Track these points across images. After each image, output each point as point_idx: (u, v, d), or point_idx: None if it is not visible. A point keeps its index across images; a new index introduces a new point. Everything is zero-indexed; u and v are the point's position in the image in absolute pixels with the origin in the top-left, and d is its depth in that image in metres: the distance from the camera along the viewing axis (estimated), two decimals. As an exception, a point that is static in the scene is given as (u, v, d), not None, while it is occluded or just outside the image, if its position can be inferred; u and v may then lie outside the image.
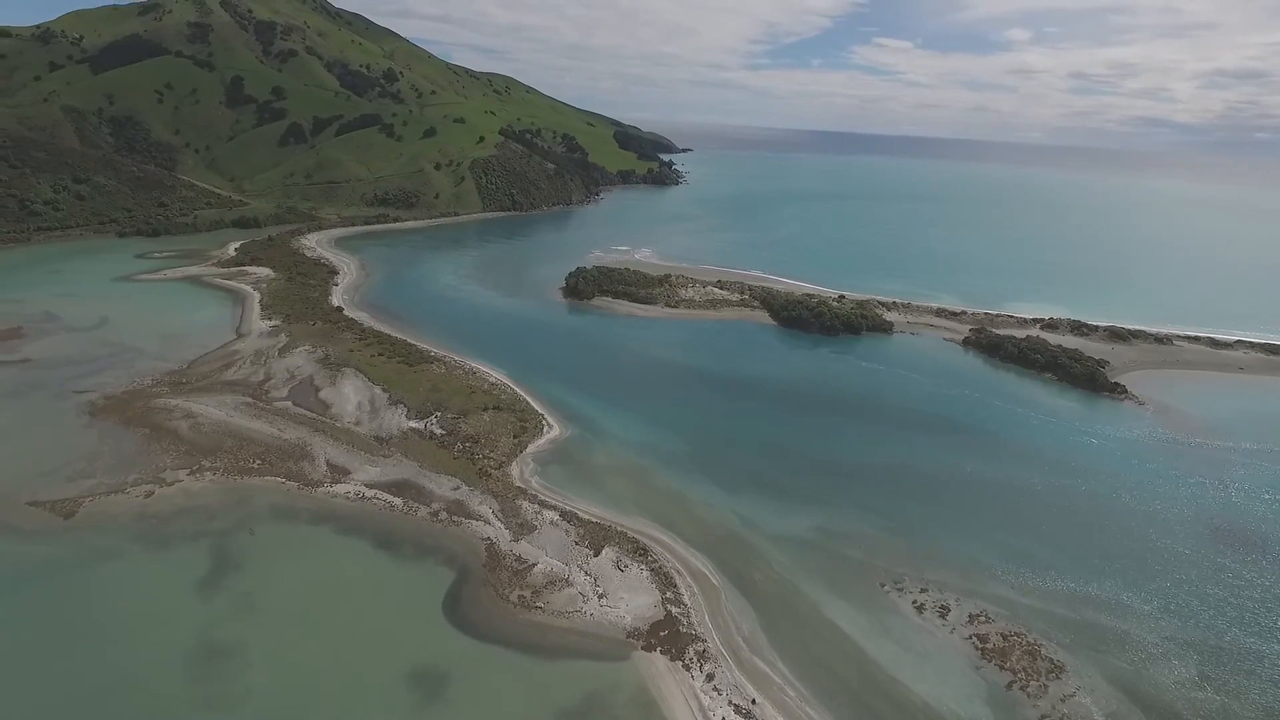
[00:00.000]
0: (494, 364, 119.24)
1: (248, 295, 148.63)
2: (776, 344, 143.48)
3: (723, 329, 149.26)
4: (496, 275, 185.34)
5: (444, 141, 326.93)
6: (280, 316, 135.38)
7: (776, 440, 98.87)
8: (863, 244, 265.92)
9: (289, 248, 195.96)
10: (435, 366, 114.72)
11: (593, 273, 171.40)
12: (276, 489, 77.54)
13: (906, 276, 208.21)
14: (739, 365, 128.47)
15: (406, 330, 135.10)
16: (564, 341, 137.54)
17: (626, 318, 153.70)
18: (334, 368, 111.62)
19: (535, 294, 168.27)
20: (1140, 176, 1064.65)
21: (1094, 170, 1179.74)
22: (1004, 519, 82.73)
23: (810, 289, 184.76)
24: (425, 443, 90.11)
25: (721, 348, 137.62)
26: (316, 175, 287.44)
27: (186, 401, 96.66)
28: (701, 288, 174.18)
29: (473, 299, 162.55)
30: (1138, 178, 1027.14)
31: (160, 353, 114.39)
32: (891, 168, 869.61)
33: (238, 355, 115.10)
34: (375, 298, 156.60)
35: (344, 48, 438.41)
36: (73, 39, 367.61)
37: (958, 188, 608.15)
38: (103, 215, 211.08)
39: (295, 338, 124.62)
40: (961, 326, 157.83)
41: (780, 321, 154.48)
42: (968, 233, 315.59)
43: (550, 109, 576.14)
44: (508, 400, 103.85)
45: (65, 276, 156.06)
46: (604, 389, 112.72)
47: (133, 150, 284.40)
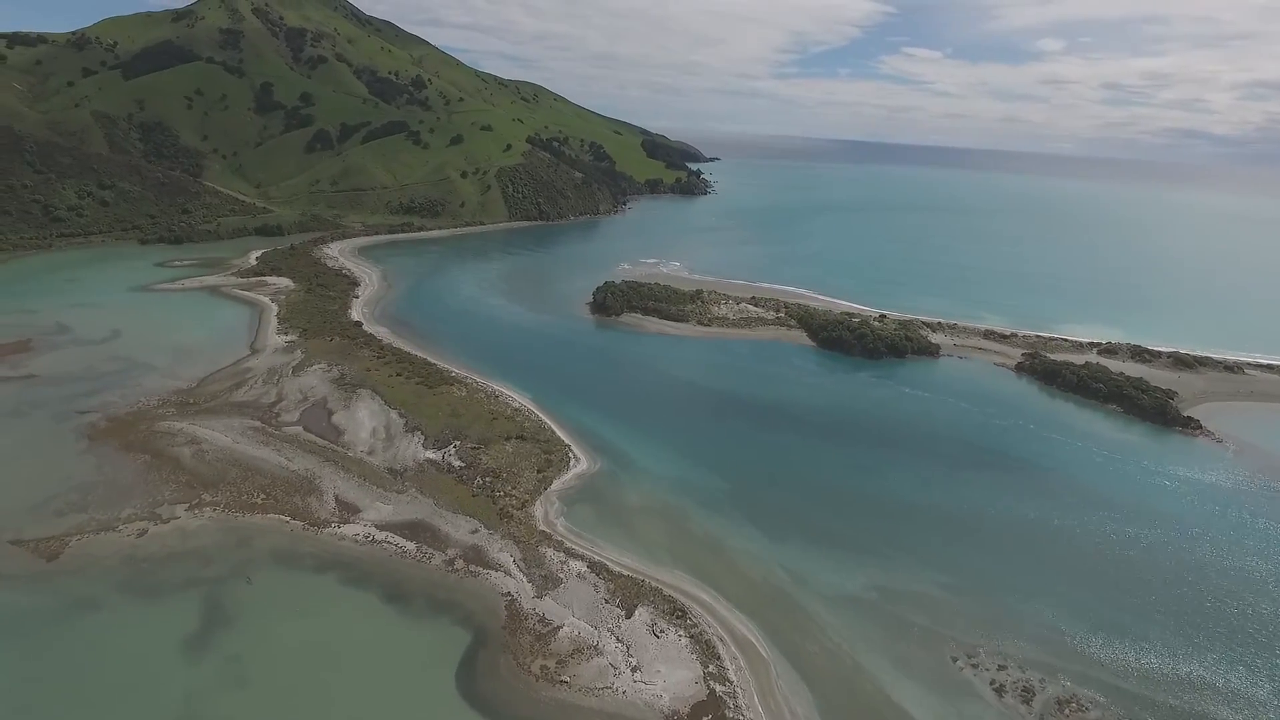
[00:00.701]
0: (518, 386, 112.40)
1: (265, 307, 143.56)
2: (816, 367, 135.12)
3: (758, 350, 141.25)
4: (522, 288, 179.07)
5: (471, 149, 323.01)
6: (297, 331, 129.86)
7: (822, 478, 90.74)
8: (899, 258, 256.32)
9: (310, 257, 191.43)
10: (456, 388, 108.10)
11: (621, 288, 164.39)
12: (279, 529, 70.99)
13: (948, 294, 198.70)
14: (777, 391, 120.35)
15: (427, 347, 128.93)
16: (591, 362, 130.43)
17: (657, 336, 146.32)
18: (349, 388, 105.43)
19: (561, 309, 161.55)
20: (1179, 189, 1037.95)
21: (1130, 182, 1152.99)
22: (1079, 575, 73.91)
23: (848, 307, 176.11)
24: (442, 477, 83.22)
25: (758, 371, 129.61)
26: (342, 182, 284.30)
27: (192, 425, 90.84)
28: (735, 305, 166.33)
29: (496, 314, 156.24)
30: (1177, 190, 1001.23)
31: (170, 369, 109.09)
32: (922, 178, 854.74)
33: (250, 373, 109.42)
34: (396, 311, 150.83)
35: (373, 55, 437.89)
36: (107, 45, 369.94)
37: (992, 200, 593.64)
38: (126, 221, 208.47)
39: (311, 354, 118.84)
40: (1013, 350, 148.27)
41: (819, 342, 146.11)
42: (1008, 248, 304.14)
43: (577, 117, 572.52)
44: (532, 428, 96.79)
45: (82, 285, 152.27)
46: (634, 416, 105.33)
47: (160, 156, 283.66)
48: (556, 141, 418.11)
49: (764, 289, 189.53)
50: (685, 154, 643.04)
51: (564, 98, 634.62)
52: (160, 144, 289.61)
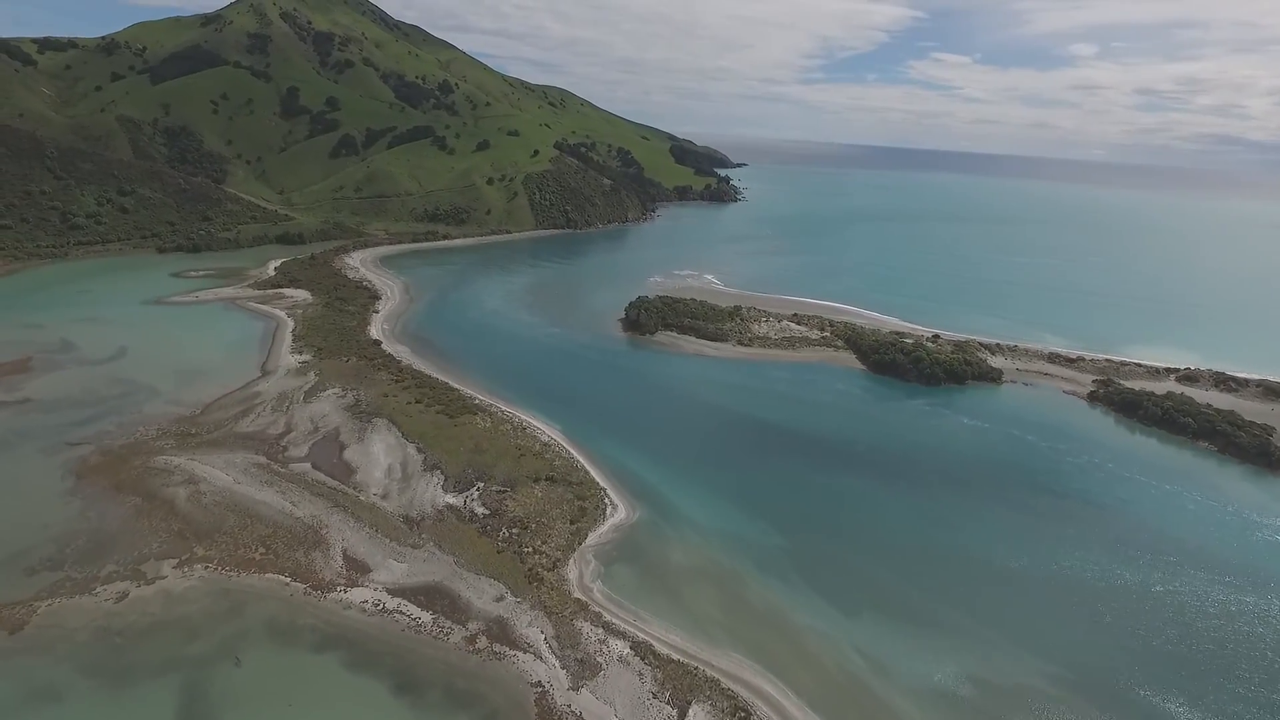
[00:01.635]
0: (546, 416, 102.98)
1: (281, 323, 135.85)
2: (869, 395, 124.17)
3: (804, 374, 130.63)
4: (549, 303, 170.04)
5: (497, 155, 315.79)
6: (312, 350, 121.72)
7: (889, 531, 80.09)
8: (943, 271, 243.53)
9: (331, 267, 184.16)
10: (479, 419, 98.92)
11: (655, 304, 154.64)
12: (277, 593, 62.00)
13: (1001, 311, 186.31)
14: (829, 422, 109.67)
15: (449, 369, 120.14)
16: (625, 387, 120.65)
17: (694, 357, 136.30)
18: (364, 418, 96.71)
19: (592, 326, 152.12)
20: (1219, 196, 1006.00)
21: (1167, 189, 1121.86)
22: (1203, 662, 62.64)
23: (896, 325, 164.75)
24: (464, 527, 73.84)
25: (806, 399, 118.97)
26: (366, 189, 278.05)
27: (191, 460, 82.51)
28: (776, 322, 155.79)
29: (523, 332, 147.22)
30: (1217, 198, 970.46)
31: (175, 393, 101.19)
32: (955, 185, 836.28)
33: (259, 399, 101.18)
34: (417, 328, 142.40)
35: (400, 59, 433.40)
36: (135, 50, 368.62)
37: (1029, 209, 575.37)
38: (145, 229, 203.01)
39: (325, 377, 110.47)
40: (1082, 376, 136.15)
41: (870, 366, 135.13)
42: (1057, 260, 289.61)
43: (605, 122, 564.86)
44: (563, 467, 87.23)
45: (94, 297, 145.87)
46: (674, 452, 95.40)
47: (184, 161, 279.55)
48: (584, 147, 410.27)
49: (805, 304, 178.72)
50: (713, 160, 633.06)
51: (590, 102, 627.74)
52: (184, 149, 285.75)
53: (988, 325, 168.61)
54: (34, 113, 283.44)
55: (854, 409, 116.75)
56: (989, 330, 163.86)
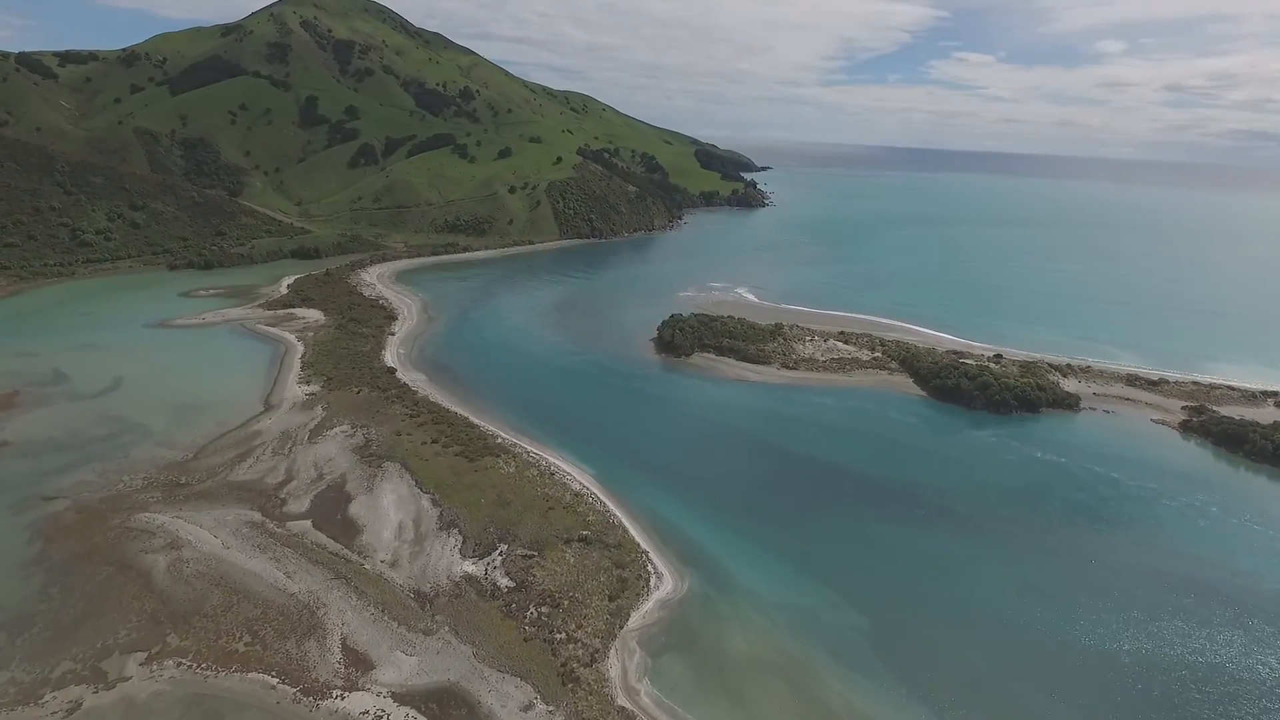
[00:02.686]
0: (576, 457, 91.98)
1: (290, 348, 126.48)
2: (932, 427, 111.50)
3: (859, 402, 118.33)
4: (576, 321, 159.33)
5: (519, 162, 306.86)
6: (321, 379, 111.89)
7: (982, 605, 67.90)
8: (992, 280, 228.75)
9: (346, 284, 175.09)
10: (502, 462, 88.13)
11: (690, 322, 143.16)
12: (261, 699, 51.47)
13: (1062, 325, 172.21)
14: (893, 461, 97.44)
15: (468, 400, 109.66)
16: (661, 420, 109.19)
17: (735, 383, 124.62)
18: (374, 462, 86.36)
19: (622, 347, 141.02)
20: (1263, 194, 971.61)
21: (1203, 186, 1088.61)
22: None
23: (952, 342, 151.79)
24: (485, 605, 62.87)
25: (864, 432, 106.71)
26: (385, 199, 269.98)
27: (177, 518, 72.54)
28: (822, 341, 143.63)
29: (549, 355, 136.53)
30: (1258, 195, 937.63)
31: (167, 433, 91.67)
32: (984, 186, 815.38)
33: (259, 439, 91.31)
34: (434, 351, 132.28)
35: (421, 66, 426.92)
36: (156, 61, 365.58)
37: (1068, 210, 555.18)
38: (157, 245, 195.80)
39: (334, 412, 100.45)
40: (1168, 401, 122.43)
41: (930, 392, 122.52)
42: (1109, 266, 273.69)
43: (627, 127, 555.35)
44: (597, 523, 76.08)
45: (95, 320, 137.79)
46: (722, 500, 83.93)
47: (201, 173, 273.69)
48: (607, 153, 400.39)
49: (850, 320, 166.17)
50: (738, 163, 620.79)
51: (612, 107, 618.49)
52: (202, 161, 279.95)
53: (1050, 341, 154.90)
54: (51, 126, 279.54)
55: (919, 444, 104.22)
56: (1052, 347, 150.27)
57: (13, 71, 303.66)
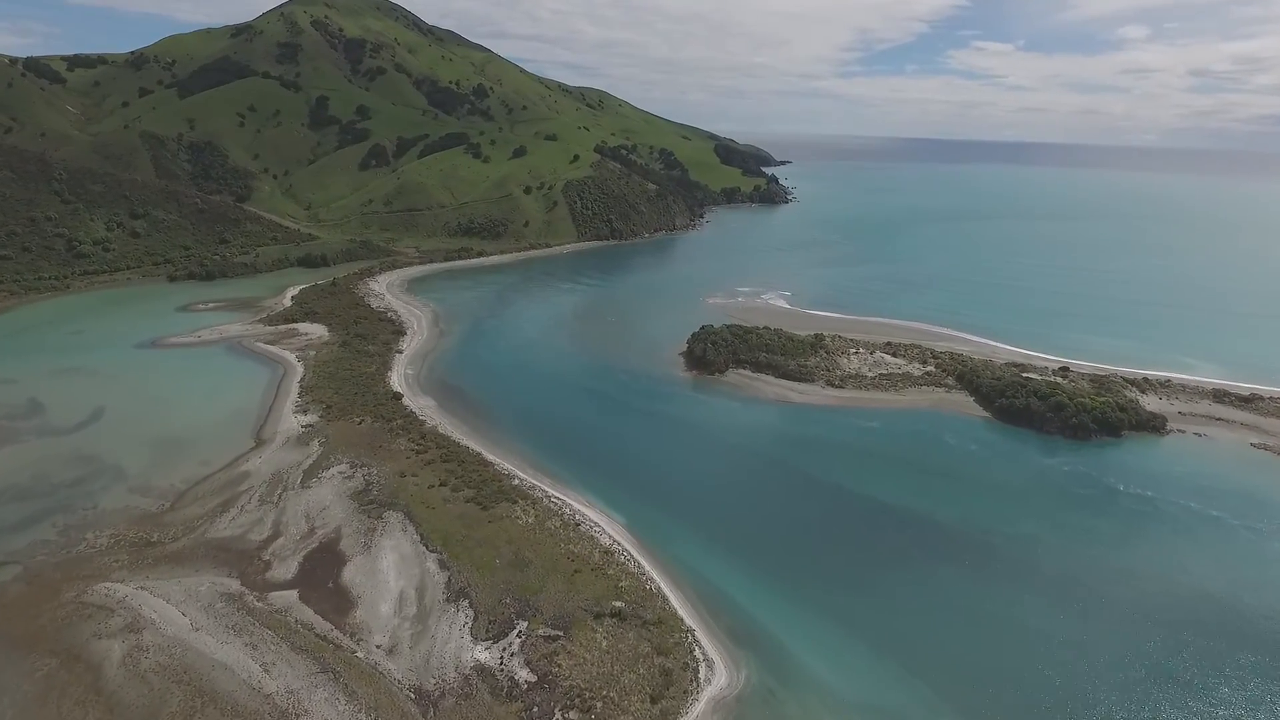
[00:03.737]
0: (604, 502, 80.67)
1: (289, 369, 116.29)
2: (1003, 456, 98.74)
3: (915, 426, 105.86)
4: (597, 332, 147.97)
5: (535, 161, 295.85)
6: (320, 407, 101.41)
7: (1108, 699, 55.67)
8: (1038, 280, 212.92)
9: (353, 295, 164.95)
10: (520, 509, 76.98)
11: (723, 334, 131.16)
12: None
13: (1127, 330, 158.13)
14: (964, 501, 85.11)
15: (481, 429, 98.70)
16: (697, 451, 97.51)
17: (776, 404, 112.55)
18: (374, 511, 75.55)
19: (648, 363, 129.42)
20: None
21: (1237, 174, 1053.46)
22: None
23: (1009, 352, 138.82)
24: (500, 708, 51.68)
25: (927, 465, 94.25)
26: (396, 202, 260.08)
27: (141, 589, 62.12)
28: (868, 354, 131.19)
29: (569, 373, 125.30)
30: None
31: (144, 477, 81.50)
32: (1013, 178, 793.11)
33: (246, 483, 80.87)
34: (445, 371, 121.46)
35: (434, 64, 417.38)
36: (165, 64, 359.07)
37: (1107, 201, 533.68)
38: (157, 254, 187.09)
39: (332, 447, 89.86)
40: (1267, 422, 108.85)
41: (995, 413, 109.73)
42: (1160, 262, 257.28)
43: (644, 122, 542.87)
44: (632, 589, 64.70)
45: (84, 340, 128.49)
46: (776, 555, 72.24)
47: (208, 177, 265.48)
48: (625, 149, 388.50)
49: (893, 327, 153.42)
50: (758, 158, 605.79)
51: (629, 103, 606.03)
52: (209, 165, 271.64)
53: (1118, 351, 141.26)
54: (56, 132, 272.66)
55: (989, 478, 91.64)
56: (1122, 357, 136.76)
57: (18, 77, 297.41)
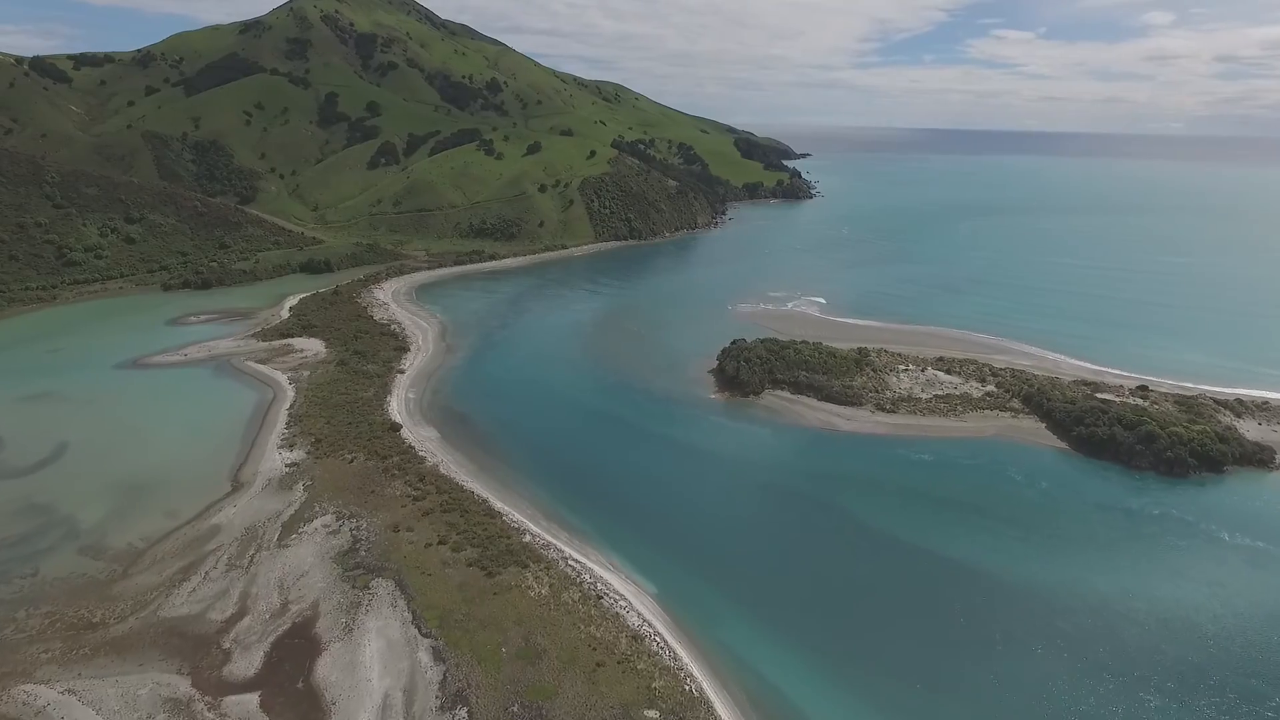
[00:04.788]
0: (630, 564, 68.65)
1: (278, 394, 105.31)
2: (1088, 499, 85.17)
3: (981, 458, 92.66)
4: (618, 346, 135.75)
5: (550, 157, 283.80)
6: (308, 442, 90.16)
7: None
8: (1092, 282, 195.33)
9: (356, 304, 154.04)
10: (532, 576, 65.09)
11: (758, 351, 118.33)
12: None
13: (1204, 340, 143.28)
14: (1055, 561, 72.04)
15: (489, 467, 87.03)
16: (735, 494, 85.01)
17: (821, 433, 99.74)
18: (361, 580, 64.02)
19: (675, 383, 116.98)
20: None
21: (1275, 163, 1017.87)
22: None
23: (1075, 367, 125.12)
24: None
25: (1000, 510, 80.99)
26: (406, 202, 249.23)
27: (69, 693, 51.05)
28: (918, 371, 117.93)
29: (587, 394, 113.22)
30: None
31: (99, 533, 70.56)
32: (1041, 169, 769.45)
33: (216, 539, 69.67)
34: (451, 395, 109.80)
35: (447, 58, 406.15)
36: (172, 61, 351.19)
37: (1143, 193, 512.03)
38: (153, 261, 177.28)
39: (318, 492, 78.53)
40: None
41: (1072, 443, 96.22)
42: (1220, 259, 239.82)
43: (662, 116, 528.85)
44: (669, 692, 52.62)
45: (62, 359, 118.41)
46: (844, 641, 59.77)
47: (213, 178, 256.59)
48: (643, 144, 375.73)
49: (940, 337, 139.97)
50: (779, 152, 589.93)
51: (646, 96, 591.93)
52: (213, 165, 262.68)
53: (1200, 365, 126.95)
54: (58, 132, 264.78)
55: (1078, 530, 78.27)
56: (1205, 373, 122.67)
57: (21, 77, 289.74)
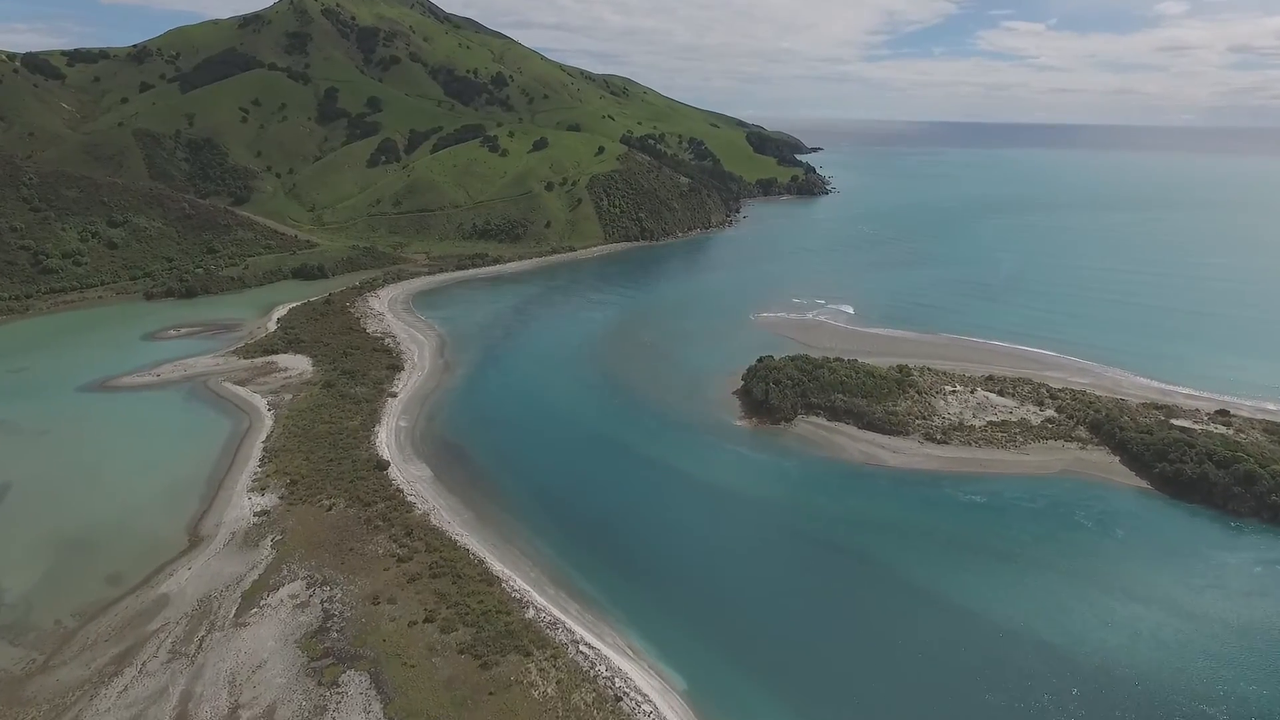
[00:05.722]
0: (654, 650, 57.25)
1: (254, 423, 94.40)
2: (1183, 552, 73.29)
3: (1047, 500, 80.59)
4: (631, 362, 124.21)
5: (557, 154, 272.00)
6: (283, 484, 79.15)
7: None
8: (1140, 286, 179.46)
9: (348, 315, 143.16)
10: (535, 669, 53.87)
11: (787, 370, 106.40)
12: None
13: (1263, 351, 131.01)
14: (1148, 638, 60.36)
15: (488, 513, 75.90)
16: (773, 549, 73.29)
17: (864, 468, 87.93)
18: (329, 673, 52.95)
19: (697, 405, 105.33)
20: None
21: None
22: None
23: (1140, 386, 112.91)
24: None
25: (1075, 565, 69.24)
26: (406, 202, 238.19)
27: None
28: (966, 392, 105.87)
29: (599, 421, 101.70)
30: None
31: (25, 606, 59.84)
32: (1058, 162, 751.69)
33: (162, 615, 58.82)
34: (447, 424, 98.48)
35: (451, 52, 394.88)
36: (168, 57, 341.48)
37: (1171, 187, 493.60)
38: (136, 267, 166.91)
39: (288, 550, 67.52)
40: None
41: (1154, 482, 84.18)
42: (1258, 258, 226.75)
43: (671, 110, 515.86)
44: (707, 845, 41.19)
45: (23, 381, 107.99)
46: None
47: (206, 177, 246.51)
48: (652, 139, 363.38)
49: (986, 350, 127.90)
50: (791, 146, 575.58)
51: (654, 90, 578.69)
52: (207, 164, 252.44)
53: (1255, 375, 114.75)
54: (47, 131, 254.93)
55: (1167, 591, 66.44)
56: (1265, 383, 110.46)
57: (11, 73, 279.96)
